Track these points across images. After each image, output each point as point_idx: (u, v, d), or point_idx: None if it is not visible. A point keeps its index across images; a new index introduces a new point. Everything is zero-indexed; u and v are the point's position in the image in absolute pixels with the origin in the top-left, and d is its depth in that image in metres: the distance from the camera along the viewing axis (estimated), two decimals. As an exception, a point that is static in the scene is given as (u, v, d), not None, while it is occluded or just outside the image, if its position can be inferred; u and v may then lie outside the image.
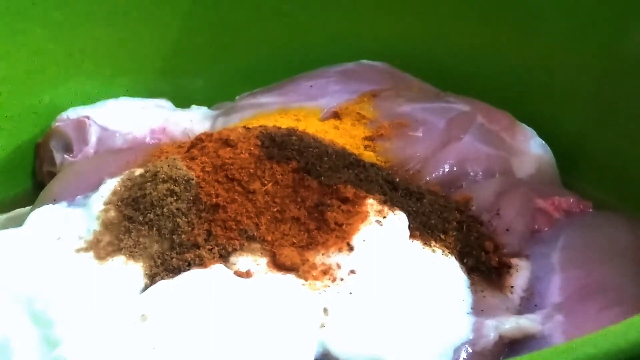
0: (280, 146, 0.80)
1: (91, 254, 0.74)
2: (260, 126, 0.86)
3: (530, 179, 0.93)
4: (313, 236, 0.74)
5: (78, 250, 0.75)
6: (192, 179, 0.77)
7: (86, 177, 0.87)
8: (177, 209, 0.75)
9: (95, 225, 0.77)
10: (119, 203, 0.78)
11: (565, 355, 0.51)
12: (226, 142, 0.81)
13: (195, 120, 1.02)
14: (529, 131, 0.98)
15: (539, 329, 0.72)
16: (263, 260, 0.73)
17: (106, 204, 0.78)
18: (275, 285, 0.71)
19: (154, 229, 0.75)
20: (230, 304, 0.68)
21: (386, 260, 0.73)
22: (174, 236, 0.74)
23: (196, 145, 0.83)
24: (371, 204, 0.76)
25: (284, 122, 0.94)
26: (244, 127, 0.87)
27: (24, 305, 0.70)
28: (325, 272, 0.72)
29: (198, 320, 0.67)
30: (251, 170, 0.78)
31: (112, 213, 0.77)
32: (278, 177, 0.77)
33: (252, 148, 0.80)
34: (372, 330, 0.69)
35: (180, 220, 0.75)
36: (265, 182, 0.77)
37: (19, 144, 1.01)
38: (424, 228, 0.79)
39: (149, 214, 0.75)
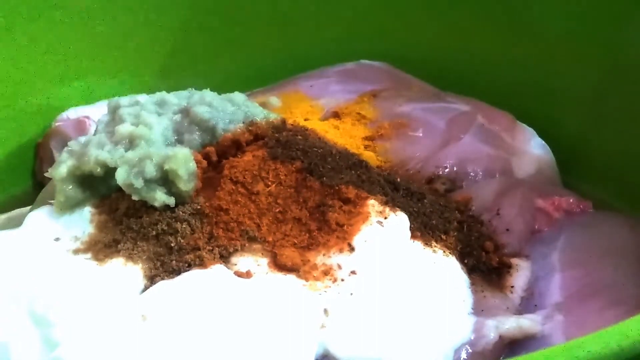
0: (284, 145, 0.80)
1: (90, 255, 0.74)
2: (267, 122, 0.85)
3: (530, 179, 0.93)
4: (314, 237, 0.74)
5: (76, 252, 0.75)
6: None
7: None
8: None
9: (91, 228, 0.77)
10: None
11: (565, 355, 0.51)
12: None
13: (195, 121, 1.02)
14: (529, 131, 0.98)
15: (539, 329, 0.72)
16: (264, 261, 0.73)
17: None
18: (275, 285, 0.71)
19: (154, 231, 0.75)
20: (230, 304, 0.68)
21: (387, 260, 0.73)
22: (173, 237, 0.74)
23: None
24: (372, 204, 0.76)
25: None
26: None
27: (23, 307, 0.70)
28: (326, 273, 0.72)
29: (198, 321, 0.67)
30: (255, 172, 0.78)
31: (110, 215, 0.77)
32: (282, 177, 0.77)
33: (256, 149, 0.81)
34: (373, 331, 0.69)
35: (180, 223, 0.75)
36: (269, 183, 0.77)
37: (19, 144, 1.01)
38: (424, 228, 0.79)
39: (147, 217, 0.76)
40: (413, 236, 0.77)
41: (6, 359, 0.68)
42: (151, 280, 0.72)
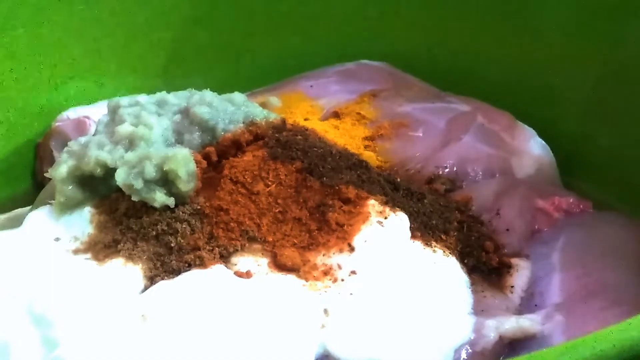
0: (284, 145, 0.80)
1: (89, 255, 0.74)
2: (267, 122, 0.85)
3: (530, 179, 0.93)
4: (314, 237, 0.74)
5: (76, 252, 0.75)
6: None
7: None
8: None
9: (91, 228, 0.77)
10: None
11: (565, 355, 0.51)
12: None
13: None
14: (529, 131, 0.98)
15: (539, 329, 0.72)
16: (264, 261, 0.73)
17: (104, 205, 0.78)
18: (275, 285, 0.71)
19: (154, 231, 0.75)
20: (231, 305, 0.68)
21: (387, 260, 0.73)
22: (173, 237, 0.74)
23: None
24: (372, 204, 0.76)
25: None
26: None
27: (23, 306, 0.70)
28: (326, 273, 0.72)
29: (198, 321, 0.67)
30: (255, 172, 0.78)
31: (110, 215, 0.77)
32: (282, 177, 0.78)
33: (256, 149, 0.80)
34: (373, 331, 0.69)
35: (180, 223, 0.75)
36: (269, 183, 0.77)
37: (19, 144, 1.01)
38: (425, 228, 0.79)
39: (147, 217, 0.76)
40: (413, 236, 0.77)
41: (6, 359, 0.68)
42: (151, 280, 0.72)
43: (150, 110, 0.82)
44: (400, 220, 0.76)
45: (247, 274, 0.72)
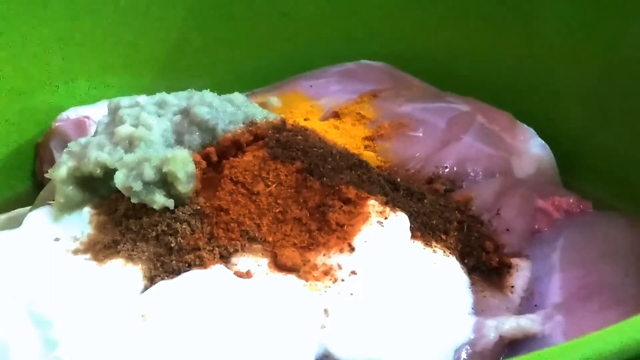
0: (285, 145, 0.80)
1: (89, 256, 0.74)
2: (267, 122, 0.85)
3: (530, 179, 0.93)
4: (314, 237, 0.74)
5: (76, 252, 0.75)
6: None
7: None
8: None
9: (90, 228, 0.77)
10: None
11: (565, 355, 0.51)
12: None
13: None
14: (529, 131, 0.98)
15: (539, 329, 0.72)
16: (264, 261, 0.73)
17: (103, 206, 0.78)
18: (275, 285, 0.71)
19: (153, 232, 0.75)
20: (230, 305, 0.68)
21: (387, 261, 0.73)
22: (173, 238, 0.74)
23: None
24: (373, 204, 0.76)
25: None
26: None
27: (23, 307, 0.70)
28: (326, 273, 0.72)
29: (198, 321, 0.67)
30: (255, 172, 0.78)
31: (110, 216, 0.77)
32: (282, 177, 0.78)
33: (256, 149, 0.80)
34: (373, 331, 0.69)
35: (180, 224, 0.75)
36: (269, 183, 0.77)
37: (19, 144, 1.02)
38: (425, 228, 0.79)
39: (147, 218, 0.75)
40: (413, 236, 0.77)
41: (6, 359, 0.68)
42: (151, 280, 0.72)
43: (150, 110, 0.82)
44: (400, 221, 0.76)
45: (247, 274, 0.72)
